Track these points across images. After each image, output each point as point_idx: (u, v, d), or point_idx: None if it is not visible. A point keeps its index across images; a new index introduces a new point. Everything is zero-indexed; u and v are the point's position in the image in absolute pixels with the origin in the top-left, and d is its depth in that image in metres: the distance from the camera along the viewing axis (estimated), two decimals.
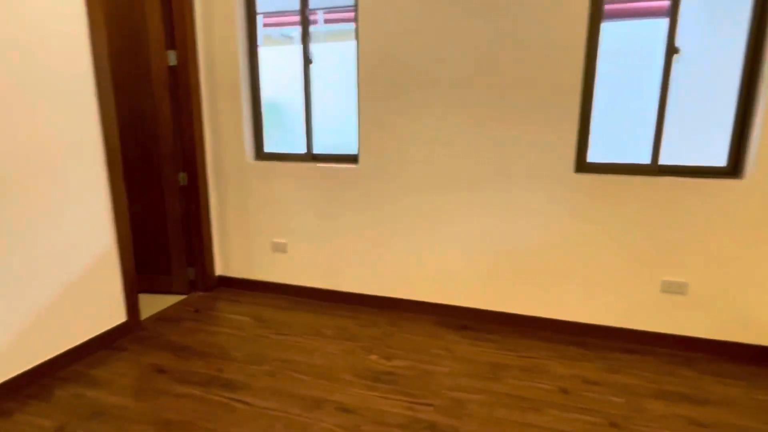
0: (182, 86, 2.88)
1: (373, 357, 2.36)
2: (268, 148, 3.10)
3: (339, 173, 2.85)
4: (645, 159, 2.38)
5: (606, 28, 2.32)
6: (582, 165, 2.47)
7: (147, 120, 2.95)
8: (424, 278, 2.81)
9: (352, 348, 2.45)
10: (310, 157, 2.98)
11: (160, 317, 2.82)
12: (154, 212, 3.07)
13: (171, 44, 2.83)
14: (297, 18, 2.89)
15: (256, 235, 3.13)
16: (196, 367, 2.27)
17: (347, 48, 2.81)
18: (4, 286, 1.98)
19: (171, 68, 2.85)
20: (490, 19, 2.39)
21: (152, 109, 2.92)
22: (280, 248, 3.09)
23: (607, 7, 2.35)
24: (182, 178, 3.01)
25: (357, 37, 2.64)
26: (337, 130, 3.12)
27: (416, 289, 2.84)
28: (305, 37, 2.83)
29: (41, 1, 2.03)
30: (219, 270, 3.28)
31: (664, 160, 2.37)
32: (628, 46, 2.54)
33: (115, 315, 2.51)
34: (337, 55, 3.05)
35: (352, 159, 2.87)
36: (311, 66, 2.88)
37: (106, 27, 2.78)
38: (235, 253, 3.22)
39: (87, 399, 2.04)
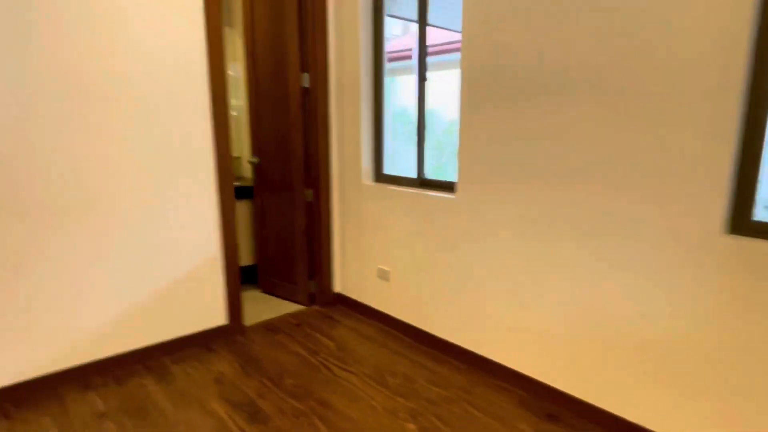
0: (313, 106, 2.94)
1: (411, 427, 1.90)
2: (388, 170, 2.90)
3: (436, 202, 2.44)
4: None
5: None
6: (741, 224, 1.48)
7: (285, 137, 3.12)
8: (519, 340, 2.16)
9: (399, 408, 2.04)
10: (419, 182, 2.65)
11: (265, 325, 2.92)
12: (287, 223, 3.23)
13: (305, 67, 2.92)
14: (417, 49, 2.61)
15: (367, 259, 2.97)
16: (246, 386, 2.24)
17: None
18: (125, 276, 2.33)
19: (304, 89, 2.94)
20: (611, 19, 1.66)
21: (288, 128, 3.07)
22: (383, 275, 2.85)
23: None
24: (309, 194, 3.07)
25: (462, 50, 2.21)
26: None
27: (508, 350, 2.21)
28: (422, 50, 2.53)
29: (168, 38, 2.31)
30: (338, 287, 3.24)
31: None
32: None
33: (216, 317, 2.70)
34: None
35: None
36: (426, 86, 2.56)
37: (260, 51, 3.06)
38: (351, 273, 3.12)
39: (142, 393, 2.22)
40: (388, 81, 2.86)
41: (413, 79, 2.63)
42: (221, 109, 2.55)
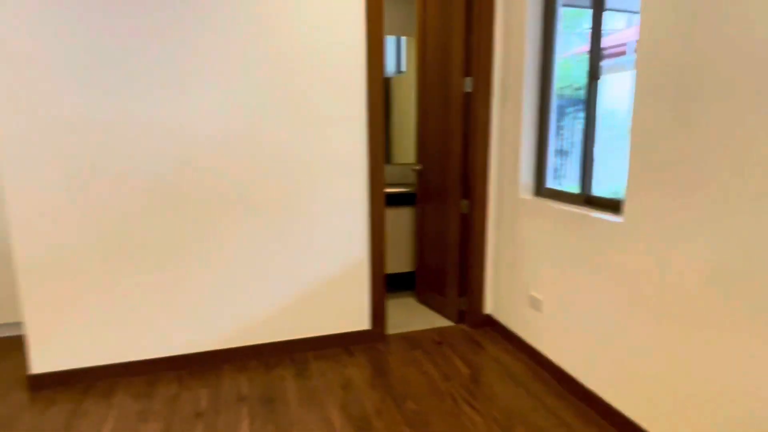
0: (474, 112, 2.73)
1: None
2: (553, 183, 2.51)
3: (597, 226, 1.97)
4: None
5: None
6: None
7: (444, 144, 2.97)
8: (690, 413, 1.57)
9: None
10: (583, 199, 2.20)
11: (407, 337, 2.84)
12: (442, 234, 3.09)
13: (468, 71, 2.72)
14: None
15: (520, 282, 2.61)
16: (368, 399, 2.19)
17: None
18: (279, 273, 2.53)
19: (466, 94, 2.75)
20: None
21: (448, 135, 2.92)
22: (535, 304, 2.47)
23: None
24: (464, 205, 2.87)
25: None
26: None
27: (675, 426, 1.63)
28: (595, 42, 2.08)
29: (334, 53, 2.40)
30: (488, 308, 2.96)
31: None
32: None
33: (359, 321, 2.73)
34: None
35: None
36: (599, 85, 2.10)
37: (430, 58, 2.98)
38: (503, 295, 2.81)
39: (280, 385, 2.35)
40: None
41: (624, 77, 2.19)
42: (376, 117, 2.54)
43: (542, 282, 2.40)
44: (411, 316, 3.15)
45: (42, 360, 2.29)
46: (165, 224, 2.33)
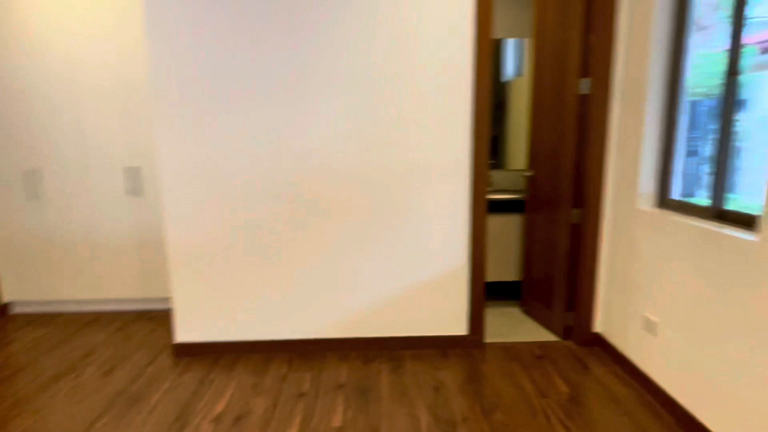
0: (589, 116, 2.57)
1: None
2: (683, 193, 2.25)
3: (728, 243, 1.73)
4: None
5: None
6: None
7: (556, 150, 2.84)
8: None
9: None
10: (714, 213, 1.94)
11: (506, 347, 2.76)
12: (550, 243, 2.95)
13: (585, 71, 2.57)
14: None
15: (634, 301, 2.39)
16: (457, 404, 2.19)
17: None
18: (382, 272, 2.65)
19: (581, 97, 2.60)
20: None
21: (560, 139, 2.78)
22: (650, 327, 2.24)
23: None
24: (575, 214, 2.71)
25: None
26: None
27: None
28: (736, 34, 1.83)
29: (440, 58, 2.45)
30: (598, 326, 2.74)
31: None
32: None
33: (457, 326, 2.73)
34: None
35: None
36: (738, 81, 1.83)
37: (546, 60, 2.88)
38: (615, 314, 2.59)
39: (375, 378, 2.45)
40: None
41: None
42: (481, 122, 2.52)
43: (659, 303, 2.16)
44: (513, 327, 3.05)
45: (184, 332, 2.71)
46: (285, 223, 2.59)
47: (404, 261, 2.65)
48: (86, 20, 3.08)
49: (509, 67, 3.69)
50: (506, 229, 3.40)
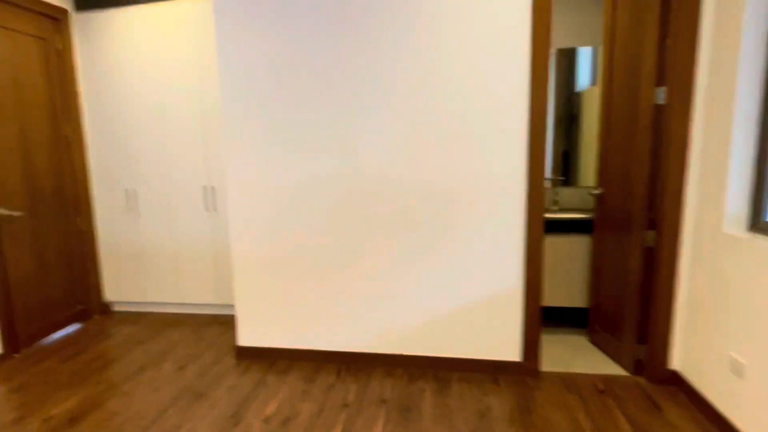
0: (666, 128, 2.34)
1: None
2: None
3: None
4: None
5: None
6: None
7: (628, 165, 2.61)
8: None
9: None
10: None
11: (564, 378, 2.56)
12: (621, 268, 2.70)
13: (661, 80, 2.34)
14: None
15: (717, 339, 2.10)
16: (499, 431, 2.07)
17: None
18: (433, 291, 2.61)
19: (656, 107, 2.37)
20: None
21: (633, 153, 2.56)
22: (736, 368, 1.95)
23: None
24: (650, 237, 2.46)
25: None
26: None
27: None
28: None
29: (495, 72, 2.39)
30: (675, 362, 2.44)
31: None
32: None
33: (509, 351, 2.59)
34: None
35: None
36: None
37: (617, 68, 2.70)
38: (695, 350, 2.29)
39: (418, 397, 2.39)
40: None
41: None
42: (537, 138, 2.40)
43: (748, 342, 1.88)
44: (577, 357, 2.82)
45: (245, 336, 2.87)
46: (339, 238, 2.66)
47: (456, 279, 2.58)
48: (174, 58, 3.45)
49: (583, 76, 3.48)
50: (576, 250, 3.17)
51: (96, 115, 3.62)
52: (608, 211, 2.84)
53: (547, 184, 3.57)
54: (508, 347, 2.59)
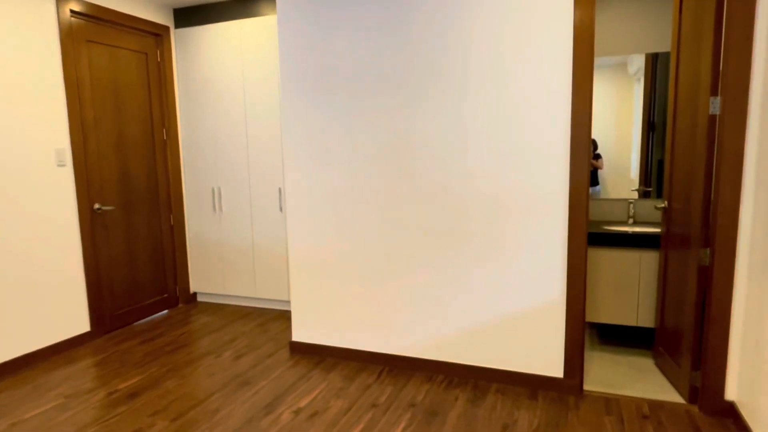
0: (720, 139, 2.30)
1: None
2: None
3: None
4: None
5: None
6: None
7: (688, 178, 2.58)
8: None
9: None
10: None
11: (608, 399, 2.59)
12: (681, 287, 2.66)
13: (716, 89, 2.32)
14: None
15: (762, 372, 2.04)
16: None
17: None
18: (477, 300, 2.78)
19: (712, 118, 2.34)
20: None
21: (692, 166, 2.53)
22: None
23: None
24: (705, 255, 2.42)
25: None
26: None
27: None
28: None
29: (536, 83, 2.52)
30: (731, 393, 2.37)
31: None
32: None
33: (551, 367, 2.67)
34: None
35: None
36: None
37: (681, 75, 2.70)
38: (752, 382, 2.22)
39: (449, 405, 2.57)
40: None
41: None
42: (580, 148, 2.48)
43: None
44: (634, 379, 2.80)
45: (298, 332, 3.26)
46: (389, 243, 2.93)
47: (500, 291, 2.72)
48: (255, 70, 3.97)
49: (662, 84, 3.39)
50: (648, 267, 3.12)
51: (189, 122, 4.29)
52: (672, 225, 2.80)
53: (634, 196, 3.54)
54: (549, 362, 2.68)
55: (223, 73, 4.11)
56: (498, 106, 2.59)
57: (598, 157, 3.57)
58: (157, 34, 4.09)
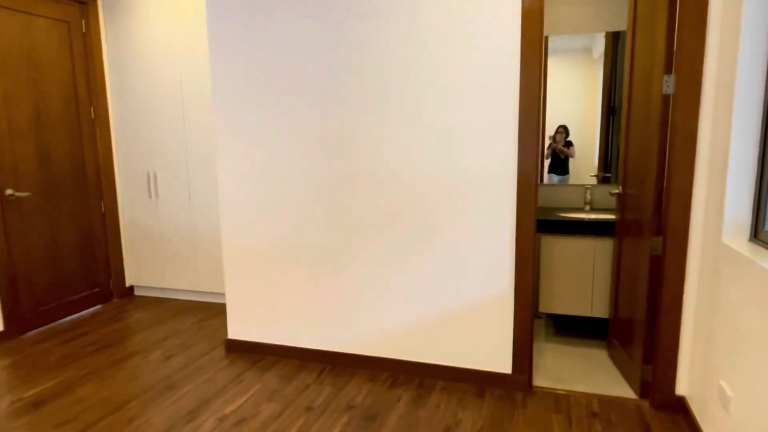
0: (672, 120, 2.22)
1: None
2: None
3: None
4: None
5: None
6: None
7: (640, 162, 2.50)
8: None
9: None
10: None
11: (558, 395, 2.52)
12: (632, 277, 2.60)
13: (669, 66, 2.22)
14: None
15: (711, 364, 1.98)
16: None
17: None
18: (417, 292, 2.66)
19: (665, 98, 2.25)
20: None
21: (645, 148, 2.45)
22: (723, 399, 1.84)
23: None
24: (656, 244, 2.35)
25: None
26: None
27: None
28: None
29: (481, 55, 2.38)
30: (682, 387, 2.32)
31: None
32: None
33: (499, 363, 2.58)
34: None
35: None
36: None
37: (638, 53, 2.59)
38: (698, 376, 2.17)
39: (391, 405, 2.46)
40: None
41: None
42: (528, 129, 2.36)
43: (737, 372, 1.77)
44: (587, 373, 2.75)
45: (234, 329, 3.08)
46: (331, 234, 2.77)
47: (447, 281, 2.61)
48: (193, 44, 3.72)
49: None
50: (604, 255, 3.06)
51: (120, 99, 4.02)
52: (626, 212, 2.73)
53: (593, 182, 3.46)
54: (497, 358, 2.59)
55: (157, 46, 3.83)
56: (443, 82, 2.45)
57: (569, 144, 3.47)
58: (82, 2, 3.78)
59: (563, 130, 3.45)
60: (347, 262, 2.76)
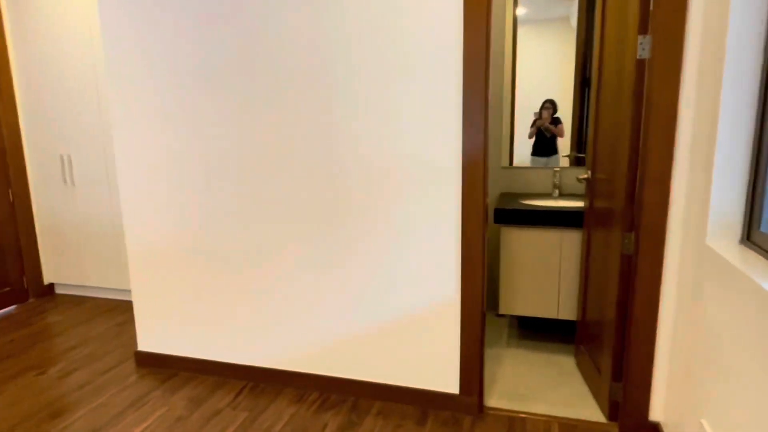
0: (648, 91, 1.82)
1: None
2: None
3: None
4: None
5: None
6: None
7: (612, 142, 2.12)
8: None
9: None
10: None
11: (513, 419, 2.17)
12: (602, 277, 2.24)
13: (644, 27, 1.82)
14: None
15: (691, 392, 1.64)
16: None
17: None
18: (355, 297, 2.27)
19: (640, 63, 1.86)
20: None
21: (617, 124, 2.06)
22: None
23: None
24: (628, 242, 1.98)
25: None
26: None
27: None
28: None
29: (419, 24, 1.95)
30: (656, 413, 1.99)
31: None
32: None
33: (444, 381, 2.22)
34: None
35: None
36: None
37: (609, 16, 2.18)
38: (675, 401, 1.83)
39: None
40: None
41: None
42: (474, 108, 1.96)
43: (719, 404, 1.42)
44: (547, 385, 2.41)
45: (144, 340, 2.67)
46: (253, 231, 2.36)
47: (386, 286, 2.22)
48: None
49: None
50: (572, 248, 2.70)
51: (27, 73, 3.55)
52: (595, 200, 2.36)
53: (565, 163, 3.08)
54: (443, 376, 2.22)
55: (66, 11, 3.34)
56: (381, 51, 2.02)
57: (557, 121, 3.06)
58: None
59: (550, 105, 3.04)
60: (270, 265, 2.35)
